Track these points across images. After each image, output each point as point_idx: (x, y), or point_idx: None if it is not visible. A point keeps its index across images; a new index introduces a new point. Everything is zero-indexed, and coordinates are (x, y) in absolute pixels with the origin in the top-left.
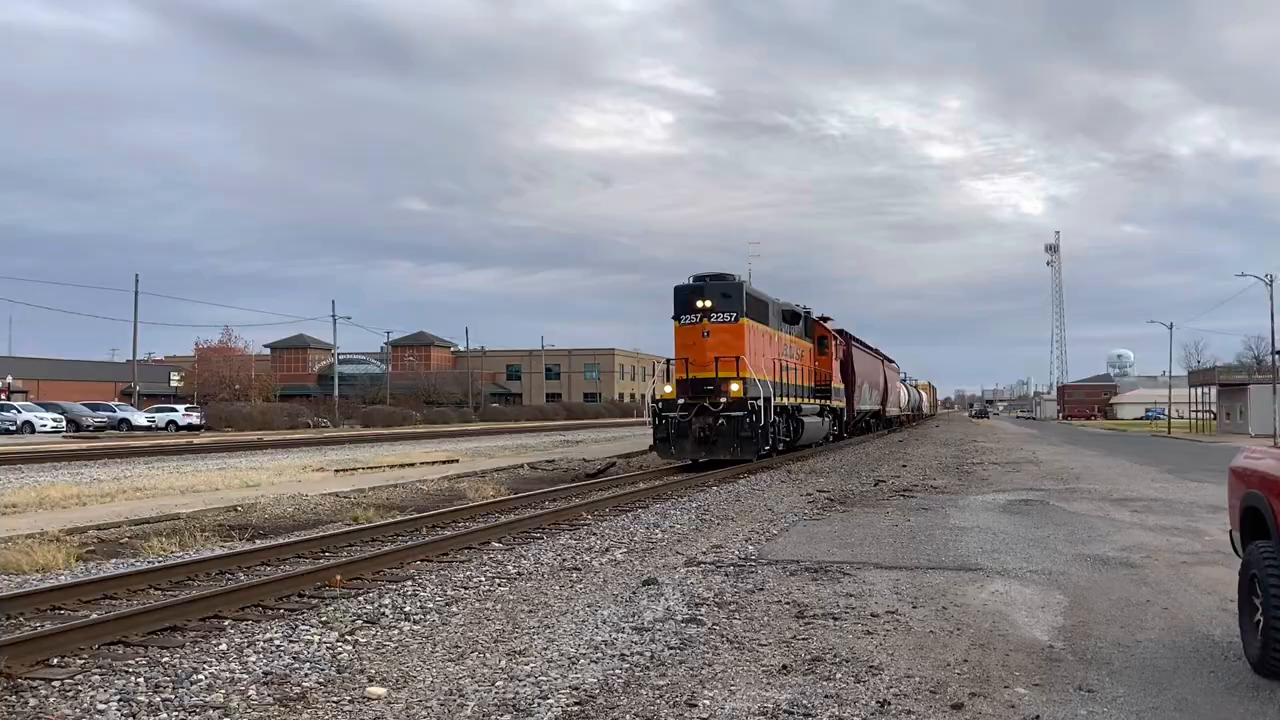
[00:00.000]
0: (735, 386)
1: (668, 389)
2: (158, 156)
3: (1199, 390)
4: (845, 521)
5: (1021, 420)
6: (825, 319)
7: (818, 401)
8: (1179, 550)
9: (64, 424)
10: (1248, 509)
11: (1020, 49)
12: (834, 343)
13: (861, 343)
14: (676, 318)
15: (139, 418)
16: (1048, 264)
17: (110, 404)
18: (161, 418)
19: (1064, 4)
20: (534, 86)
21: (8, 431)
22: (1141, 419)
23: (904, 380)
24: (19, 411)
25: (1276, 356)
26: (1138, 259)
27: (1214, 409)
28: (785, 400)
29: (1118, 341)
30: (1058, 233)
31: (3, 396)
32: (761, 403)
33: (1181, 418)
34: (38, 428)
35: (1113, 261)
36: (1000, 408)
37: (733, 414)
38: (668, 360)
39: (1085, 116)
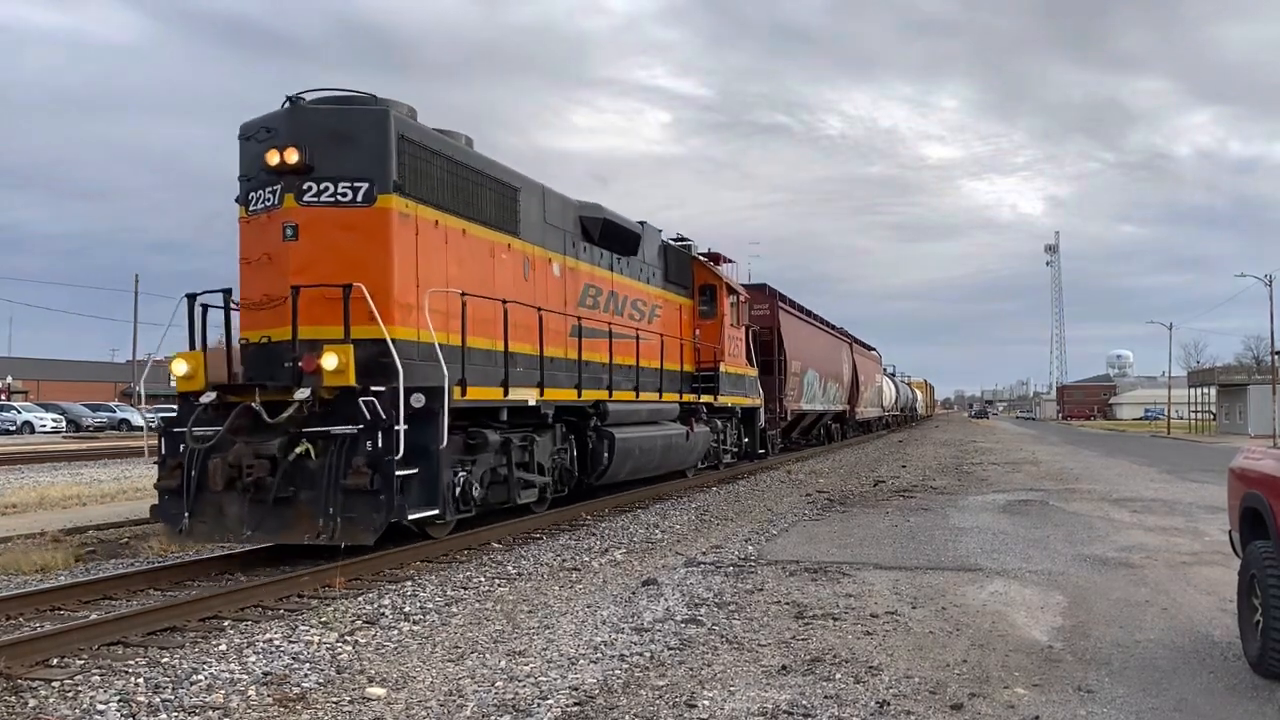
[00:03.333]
0: (333, 361)
1: (182, 368)
2: (158, 156)
3: (1198, 390)
4: (845, 522)
5: (1021, 420)
6: (718, 257)
7: (679, 397)
8: (1178, 550)
9: (64, 424)
10: (1247, 509)
11: (1016, 48)
12: (729, 299)
13: (803, 311)
14: (241, 200)
15: (139, 418)
16: (1047, 264)
17: (110, 404)
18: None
19: (1059, 3)
20: (530, 86)
21: (8, 432)
22: (1141, 419)
23: (892, 375)
24: (19, 412)
25: (1276, 357)
26: (1137, 259)
27: (1213, 409)
28: (557, 393)
29: (1117, 341)
30: (1057, 233)
31: (3, 397)
32: (412, 403)
33: (1181, 418)
34: (37, 428)
35: (1112, 261)
36: (1000, 408)
37: (332, 429)
38: (191, 296)
39: (1084, 116)
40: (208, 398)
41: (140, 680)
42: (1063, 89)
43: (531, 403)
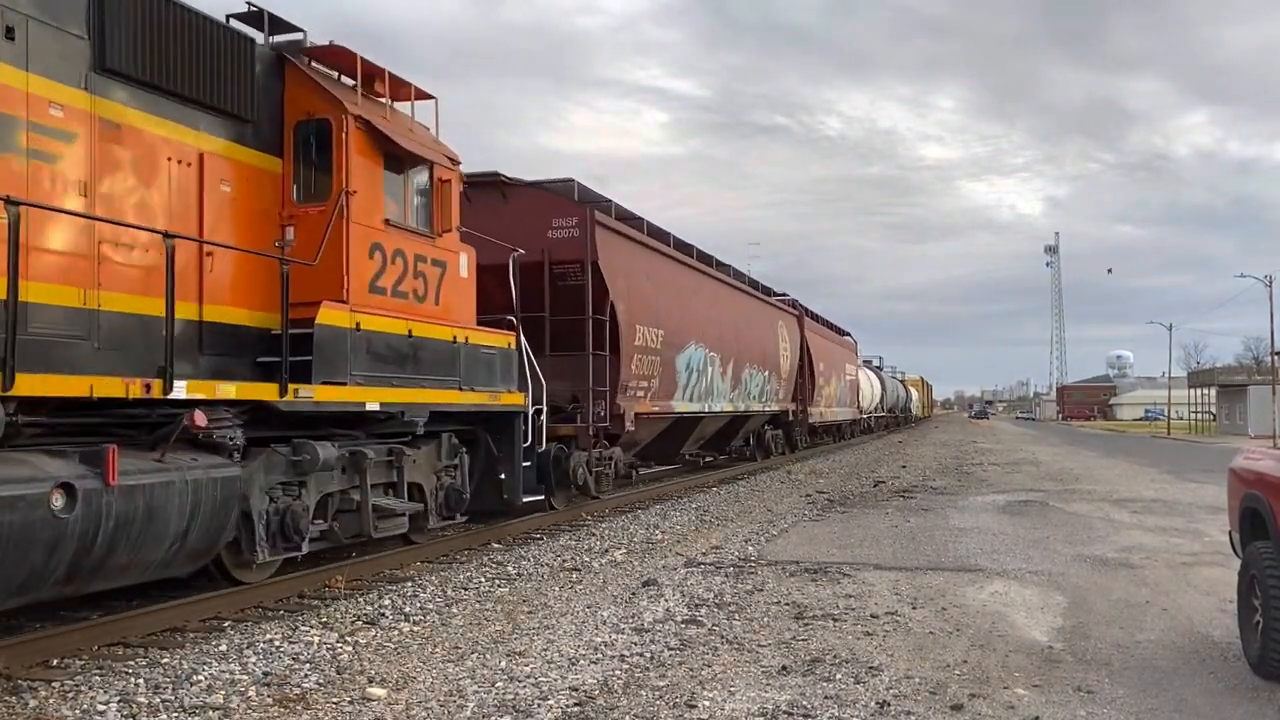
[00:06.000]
0: None
1: None
2: None
3: (1198, 391)
4: (845, 522)
5: (1021, 421)
6: (355, 59)
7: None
8: (1178, 551)
9: None
10: (1247, 510)
11: (1013, 48)
12: (384, 170)
13: (671, 243)
14: None
15: None
16: (1047, 264)
17: None
18: None
19: (1057, 3)
20: (530, 87)
21: None
22: (1141, 420)
23: (878, 368)
24: None
25: (1276, 357)
26: (1137, 259)
27: (1213, 410)
28: None
29: (1117, 342)
30: (1057, 234)
31: None
32: None
33: (1181, 419)
34: None
35: (1112, 262)
36: (999, 408)
37: None
38: None
39: (1083, 117)
40: None
41: (140, 680)
42: (1062, 89)
43: None
